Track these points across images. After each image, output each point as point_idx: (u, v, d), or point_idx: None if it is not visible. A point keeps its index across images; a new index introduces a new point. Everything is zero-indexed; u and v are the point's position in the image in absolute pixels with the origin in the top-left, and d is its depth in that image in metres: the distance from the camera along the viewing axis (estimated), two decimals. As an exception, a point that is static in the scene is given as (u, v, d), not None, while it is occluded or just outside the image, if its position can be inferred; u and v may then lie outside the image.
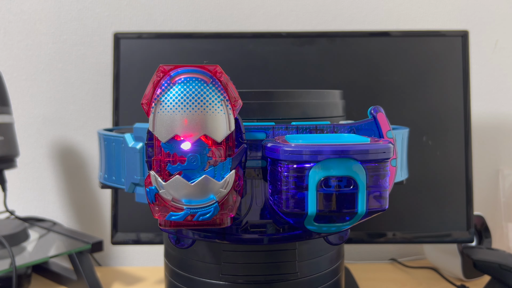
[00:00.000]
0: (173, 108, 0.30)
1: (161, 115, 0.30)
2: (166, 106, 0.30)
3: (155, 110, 0.30)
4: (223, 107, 0.30)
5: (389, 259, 0.80)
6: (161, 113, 0.30)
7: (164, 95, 0.30)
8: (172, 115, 0.30)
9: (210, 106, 0.30)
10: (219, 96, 0.30)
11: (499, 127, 0.82)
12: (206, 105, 0.30)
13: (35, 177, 0.81)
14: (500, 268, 0.59)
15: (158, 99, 0.30)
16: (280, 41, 0.65)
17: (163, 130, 0.30)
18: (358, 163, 0.30)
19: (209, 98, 0.30)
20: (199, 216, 0.31)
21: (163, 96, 0.30)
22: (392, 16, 0.80)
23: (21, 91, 0.80)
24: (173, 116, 0.30)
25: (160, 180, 0.31)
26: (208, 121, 0.30)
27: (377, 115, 0.36)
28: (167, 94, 0.30)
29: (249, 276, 0.41)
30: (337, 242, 0.39)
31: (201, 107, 0.30)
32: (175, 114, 0.30)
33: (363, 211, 0.30)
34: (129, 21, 0.79)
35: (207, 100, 0.30)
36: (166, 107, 0.30)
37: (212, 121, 0.30)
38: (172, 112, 0.30)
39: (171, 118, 0.30)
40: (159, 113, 0.30)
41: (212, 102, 0.30)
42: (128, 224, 0.64)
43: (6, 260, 0.59)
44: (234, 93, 0.31)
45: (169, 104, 0.30)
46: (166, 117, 0.30)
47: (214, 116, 0.30)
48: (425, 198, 0.64)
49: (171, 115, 0.30)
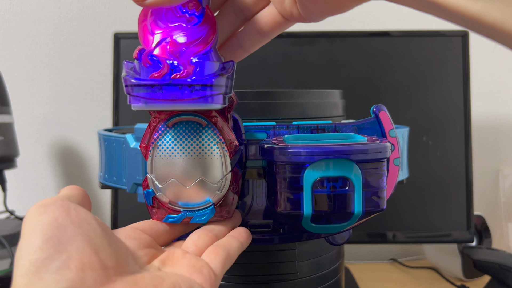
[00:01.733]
0: (169, 152, 0.31)
1: (158, 159, 0.31)
2: (163, 150, 0.31)
3: (153, 154, 0.31)
4: (219, 149, 0.31)
5: (389, 259, 0.80)
6: (158, 156, 0.31)
7: (161, 139, 0.31)
8: (169, 159, 0.31)
9: (206, 150, 0.31)
10: (215, 139, 0.31)
11: (499, 127, 0.81)
12: (202, 148, 0.31)
13: (35, 177, 0.81)
14: (500, 268, 0.59)
15: (155, 143, 0.31)
16: (280, 41, 0.65)
17: (161, 173, 0.31)
18: (354, 163, 0.30)
19: (205, 141, 0.31)
20: (196, 218, 0.31)
21: (159, 140, 0.31)
22: (392, 16, 0.80)
23: (21, 91, 0.80)
24: (170, 159, 0.31)
25: (157, 183, 0.31)
26: (204, 164, 0.31)
27: (380, 113, 0.36)
28: (164, 138, 0.31)
29: (249, 276, 0.41)
30: (339, 242, 0.39)
31: (197, 151, 0.31)
32: (172, 158, 0.31)
33: (360, 211, 0.30)
34: (129, 21, 0.79)
35: (203, 143, 0.31)
36: (163, 151, 0.31)
37: (209, 164, 0.31)
38: (169, 156, 0.31)
39: (168, 162, 0.31)
40: (156, 156, 0.31)
41: (208, 146, 0.31)
42: (128, 224, 0.63)
43: (6, 260, 0.59)
44: (230, 135, 0.31)
45: (166, 148, 0.31)
46: (163, 160, 0.31)
47: (211, 159, 0.31)
48: (425, 198, 0.64)
49: (168, 159, 0.31)
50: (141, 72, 0.28)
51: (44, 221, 0.23)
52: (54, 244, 0.22)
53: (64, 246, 0.22)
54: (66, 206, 0.24)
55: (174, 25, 0.29)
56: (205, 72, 0.28)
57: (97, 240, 0.24)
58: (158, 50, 0.28)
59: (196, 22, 0.29)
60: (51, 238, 0.22)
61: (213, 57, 0.29)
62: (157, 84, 0.27)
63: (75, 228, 0.23)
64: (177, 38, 0.28)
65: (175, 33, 0.28)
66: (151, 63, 0.27)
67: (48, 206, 0.24)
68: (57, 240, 0.22)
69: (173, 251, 0.28)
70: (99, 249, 0.23)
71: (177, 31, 0.28)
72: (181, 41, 0.28)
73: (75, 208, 0.25)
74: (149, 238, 0.30)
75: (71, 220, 0.24)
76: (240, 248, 0.31)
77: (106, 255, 0.24)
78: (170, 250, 0.29)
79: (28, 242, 0.22)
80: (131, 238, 0.28)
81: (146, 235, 0.30)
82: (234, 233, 0.32)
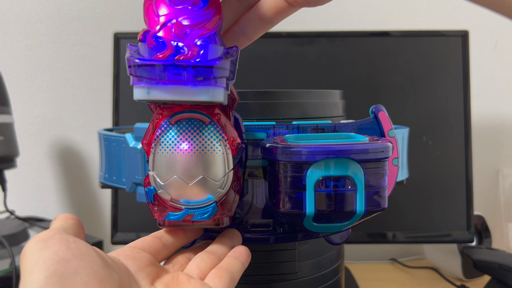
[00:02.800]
0: (172, 149, 0.31)
1: (160, 156, 0.31)
2: (166, 147, 0.31)
3: (155, 151, 0.31)
4: (222, 147, 0.31)
5: (389, 259, 0.80)
6: (161, 153, 0.31)
7: (164, 136, 0.31)
8: (171, 156, 0.31)
9: (209, 147, 0.31)
10: (218, 136, 0.31)
11: (499, 127, 0.81)
12: (204, 145, 0.31)
13: (35, 177, 0.81)
14: (500, 268, 0.59)
15: (157, 140, 0.31)
16: (280, 41, 0.65)
17: (162, 170, 0.31)
18: (356, 163, 0.30)
19: (208, 138, 0.31)
20: (197, 216, 0.31)
21: (162, 137, 0.31)
22: (392, 16, 0.80)
23: (21, 91, 0.80)
24: (172, 156, 0.31)
25: (158, 180, 0.31)
26: (207, 162, 0.31)
27: (379, 114, 0.36)
28: (166, 135, 0.31)
29: (249, 276, 0.41)
30: (338, 242, 0.39)
31: (200, 148, 0.31)
32: (174, 155, 0.31)
33: (362, 211, 0.30)
34: (129, 21, 0.79)
35: (206, 140, 0.31)
36: (165, 148, 0.31)
37: (211, 161, 0.31)
38: (172, 153, 0.31)
39: (170, 159, 0.31)
40: (159, 153, 0.31)
41: (211, 143, 0.31)
42: (128, 224, 0.64)
43: (6, 260, 0.59)
44: (232, 133, 0.31)
45: (169, 145, 0.31)
46: (165, 157, 0.31)
47: (213, 156, 0.31)
48: (425, 198, 0.64)
49: (170, 156, 0.31)
50: (145, 54, 0.28)
51: (46, 256, 0.23)
52: (58, 278, 0.22)
53: (68, 280, 0.22)
54: (65, 239, 0.24)
55: (179, 7, 0.29)
56: (209, 55, 0.28)
57: (100, 272, 0.24)
58: (162, 32, 0.28)
59: (202, 5, 0.29)
60: (55, 272, 0.22)
61: (217, 41, 0.29)
62: (160, 65, 0.27)
63: (77, 261, 0.23)
64: (182, 21, 0.28)
65: (180, 16, 0.28)
66: (156, 44, 0.27)
67: (47, 240, 0.24)
68: (61, 274, 0.22)
69: (177, 275, 0.29)
70: (103, 280, 0.24)
71: (182, 14, 0.28)
72: (185, 24, 0.28)
73: (74, 241, 0.25)
74: (149, 256, 0.30)
75: (72, 253, 0.24)
76: (242, 268, 0.31)
77: (110, 285, 0.24)
78: (174, 274, 0.29)
79: (32, 279, 0.22)
80: (131, 259, 0.28)
81: (146, 253, 0.30)
82: (235, 254, 0.32)
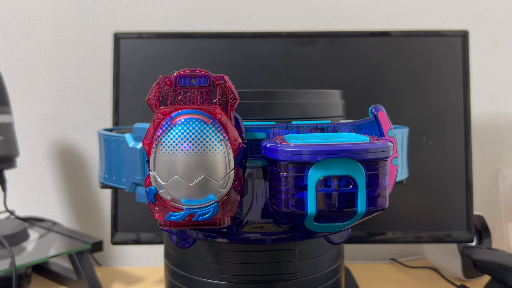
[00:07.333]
0: (173, 149, 0.31)
1: (161, 156, 0.31)
2: (167, 146, 0.31)
3: (156, 151, 0.31)
4: (223, 147, 0.31)
5: (389, 259, 0.80)
6: (162, 153, 0.31)
7: (165, 135, 0.31)
8: (172, 156, 0.31)
9: (210, 147, 0.31)
10: (219, 136, 0.31)
11: (499, 127, 0.81)
12: (206, 145, 0.31)
13: (35, 177, 0.81)
14: (500, 268, 0.59)
15: (158, 140, 0.31)
16: (280, 41, 0.65)
17: (163, 170, 0.31)
18: (357, 162, 0.30)
19: (209, 138, 0.31)
20: (199, 216, 0.31)
21: (163, 137, 0.31)
22: (392, 16, 0.80)
23: (21, 91, 0.80)
24: (174, 156, 0.31)
25: (159, 180, 0.31)
26: (208, 161, 0.31)
27: (378, 113, 0.36)
28: (168, 135, 0.31)
29: (249, 276, 0.41)
30: (337, 241, 0.39)
31: (201, 148, 0.31)
32: (176, 155, 0.31)
33: (363, 210, 0.30)
34: (129, 21, 0.79)
35: (207, 140, 0.31)
36: (166, 148, 0.31)
37: (212, 161, 0.31)
38: (173, 153, 0.31)
39: (171, 159, 0.31)
40: (160, 153, 0.31)
41: (212, 143, 0.31)
42: (128, 224, 0.64)
43: (6, 260, 0.59)
44: (234, 133, 0.31)
45: (170, 145, 0.31)
46: (166, 157, 0.31)
47: (214, 156, 0.31)
48: (425, 198, 0.64)
49: (171, 156, 0.31)
50: None
51: None
52: None
53: None
54: None
55: None
56: None
57: None
58: None
59: None
60: None
61: None
62: None
63: None
64: None
65: None
66: None
67: None
68: None
69: None
70: None
71: None
72: None
73: None
74: None
75: None
76: None
77: None
78: None
79: None
80: None
81: None
82: None
